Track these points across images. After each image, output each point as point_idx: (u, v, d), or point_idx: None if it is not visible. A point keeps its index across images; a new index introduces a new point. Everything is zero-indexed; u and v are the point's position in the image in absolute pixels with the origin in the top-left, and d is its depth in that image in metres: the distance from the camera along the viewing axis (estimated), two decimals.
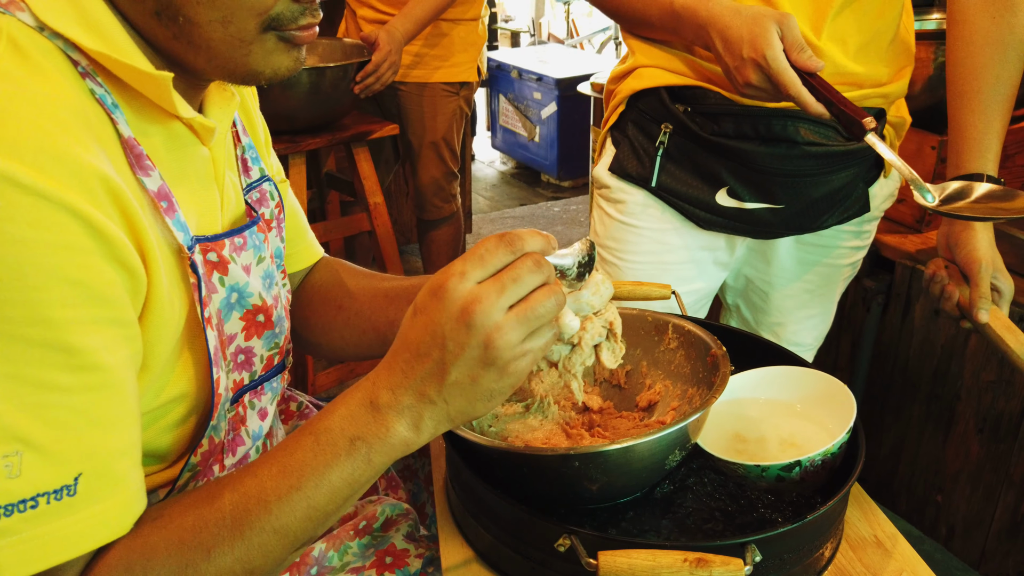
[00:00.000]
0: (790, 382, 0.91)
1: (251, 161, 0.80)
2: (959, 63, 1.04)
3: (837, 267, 1.23)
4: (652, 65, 1.11)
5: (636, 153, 1.16)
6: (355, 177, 2.18)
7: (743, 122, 1.06)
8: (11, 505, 0.50)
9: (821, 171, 1.09)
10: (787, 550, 0.71)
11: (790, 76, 0.92)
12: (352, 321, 0.90)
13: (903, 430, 1.41)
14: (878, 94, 1.08)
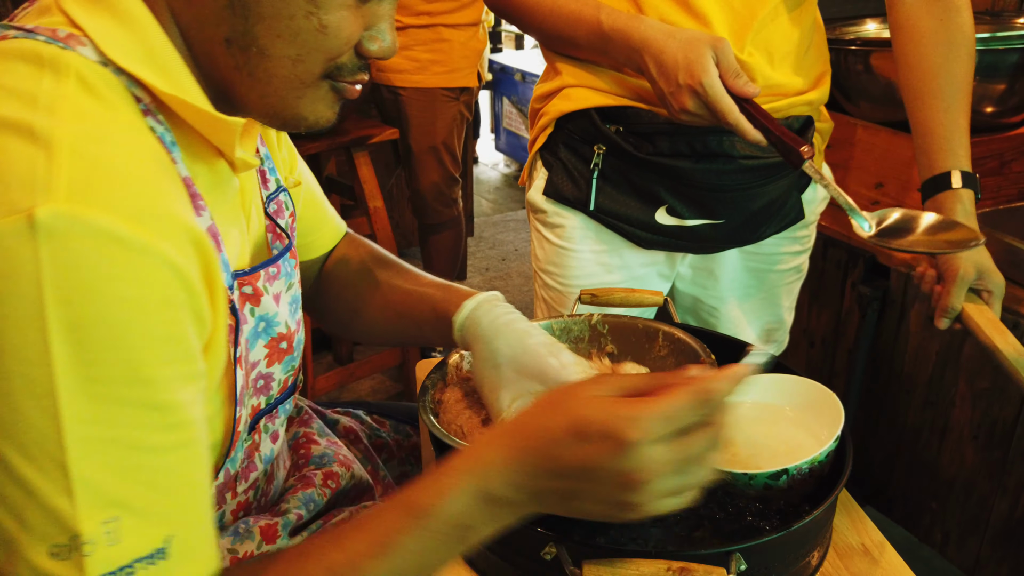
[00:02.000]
0: (779, 389, 0.91)
1: (268, 172, 0.79)
2: (913, 67, 1.04)
3: (781, 273, 1.23)
4: (580, 85, 1.08)
5: (571, 176, 1.14)
6: (355, 181, 2.19)
7: (678, 140, 1.05)
8: (111, 574, 0.49)
9: (758, 183, 1.09)
10: (773, 558, 0.72)
11: (727, 104, 0.91)
12: (365, 329, 0.95)
13: (899, 436, 1.41)
14: (803, 102, 1.08)
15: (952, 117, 1.03)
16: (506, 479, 0.55)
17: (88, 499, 0.48)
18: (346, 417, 1.06)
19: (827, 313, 1.51)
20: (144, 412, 0.50)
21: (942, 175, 1.03)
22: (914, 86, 1.06)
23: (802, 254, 1.26)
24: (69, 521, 0.47)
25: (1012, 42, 1.35)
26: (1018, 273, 1.27)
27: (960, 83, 1.04)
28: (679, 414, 0.52)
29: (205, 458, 0.56)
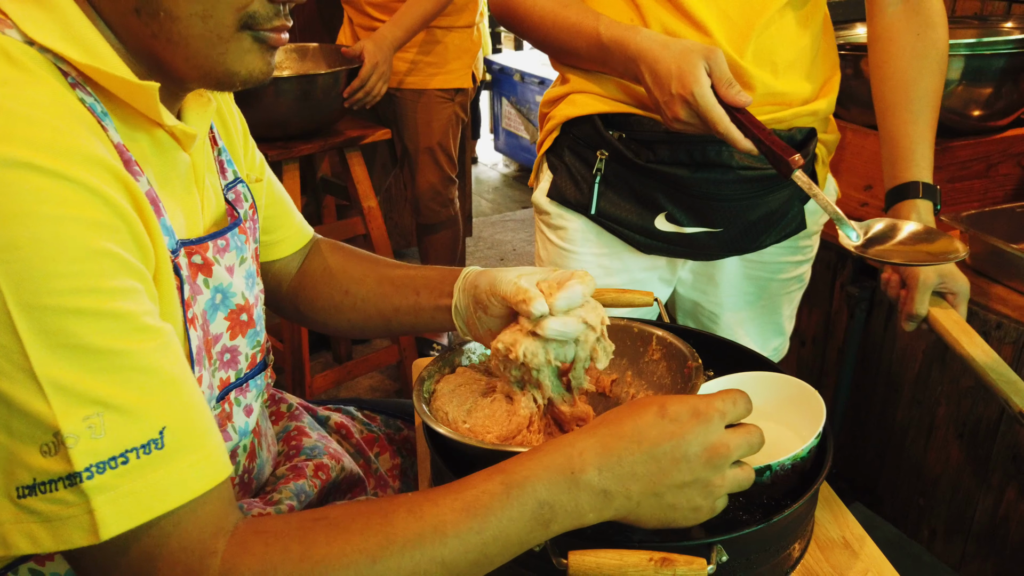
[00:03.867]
0: (764, 387, 0.93)
1: (226, 163, 0.83)
2: (887, 78, 1.06)
3: (782, 283, 1.25)
4: (585, 91, 1.11)
5: (574, 179, 1.16)
6: (349, 182, 2.20)
7: (678, 148, 1.07)
8: (102, 463, 0.52)
9: (756, 194, 1.10)
10: (753, 550, 0.73)
11: (718, 113, 0.93)
12: (358, 306, 0.95)
13: (887, 434, 1.43)
14: (807, 112, 1.09)
15: (919, 129, 1.06)
16: (595, 462, 0.61)
17: (62, 400, 0.51)
18: (337, 414, 1.08)
19: (817, 313, 1.53)
20: (100, 320, 0.53)
21: (904, 185, 1.05)
22: (886, 96, 1.08)
23: (804, 264, 1.27)
24: (49, 421, 0.51)
25: (999, 47, 1.37)
26: (1002, 273, 1.29)
27: (930, 97, 1.06)
28: (738, 404, 0.65)
29: (183, 360, 0.58)
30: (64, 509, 0.52)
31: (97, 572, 0.56)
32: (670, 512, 0.64)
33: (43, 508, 0.52)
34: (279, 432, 0.98)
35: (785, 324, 1.31)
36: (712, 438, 0.63)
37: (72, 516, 0.52)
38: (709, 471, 0.63)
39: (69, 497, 0.51)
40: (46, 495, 0.51)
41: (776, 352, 1.34)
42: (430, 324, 0.91)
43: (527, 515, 0.60)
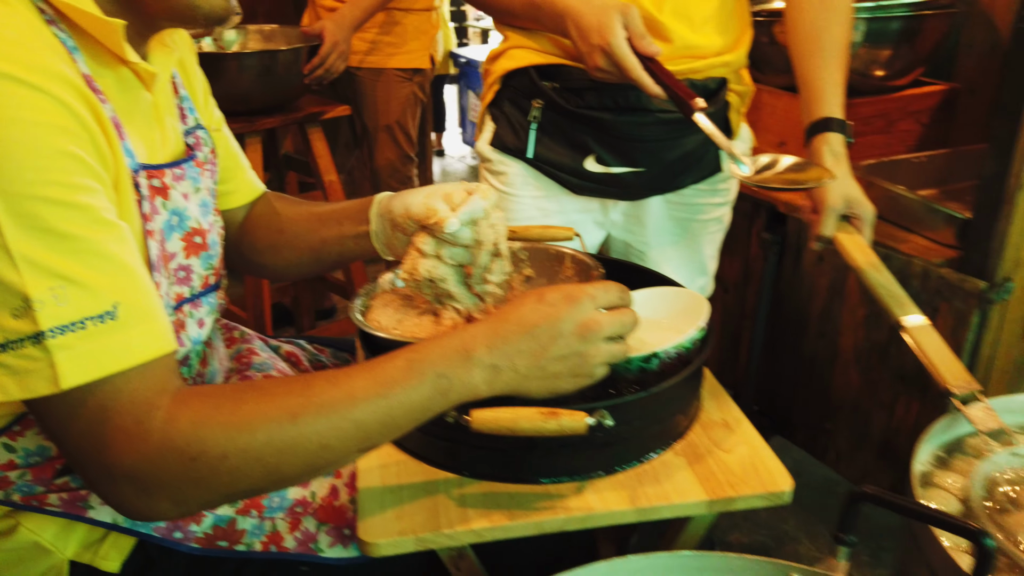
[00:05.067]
0: (663, 299, 1.05)
1: (187, 111, 0.93)
2: (799, 28, 1.19)
3: (703, 223, 1.37)
4: (522, 46, 1.23)
5: (513, 128, 1.29)
6: (310, 157, 2.30)
7: (603, 95, 1.20)
8: (63, 326, 0.61)
9: (673, 136, 1.23)
10: (636, 417, 0.85)
11: (632, 62, 1.06)
12: (292, 243, 1.04)
13: (798, 367, 1.56)
14: (720, 63, 1.22)
15: (829, 73, 1.19)
16: (485, 342, 0.73)
17: (32, 272, 0.60)
18: (288, 344, 1.19)
19: (737, 260, 1.66)
20: (65, 209, 0.62)
21: (817, 121, 1.18)
22: (799, 45, 1.21)
23: (723, 206, 1.40)
24: (19, 288, 0.60)
25: (894, 10, 1.50)
26: (898, 216, 1.43)
27: (838, 44, 1.20)
28: (610, 291, 0.77)
29: (136, 254, 0.68)
30: (30, 363, 0.61)
31: (60, 421, 0.65)
32: (554, 381, 0.75)
33: (12, 362, 0.61)
34: (232, 353, 1.08)
35: (708, 264, 1.44)
36: (583, 316, 0.74)
37: (37, 369, 0.62)
38: (583, 344, 0.74)
39: (35, 353, 0.61)
40: (15, 351, 0.61)
41: (701, 290, 1.46)
42: (355, 251, 1.01)
43: (427, 385, 0.71)
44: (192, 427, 0.64)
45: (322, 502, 0.88)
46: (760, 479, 0.86)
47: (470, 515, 0.80)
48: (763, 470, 0.87)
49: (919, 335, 1.07)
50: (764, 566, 0.76)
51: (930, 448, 0.99)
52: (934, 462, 0.99)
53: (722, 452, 0.90)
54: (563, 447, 0.84)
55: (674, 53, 1.18)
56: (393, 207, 0.94)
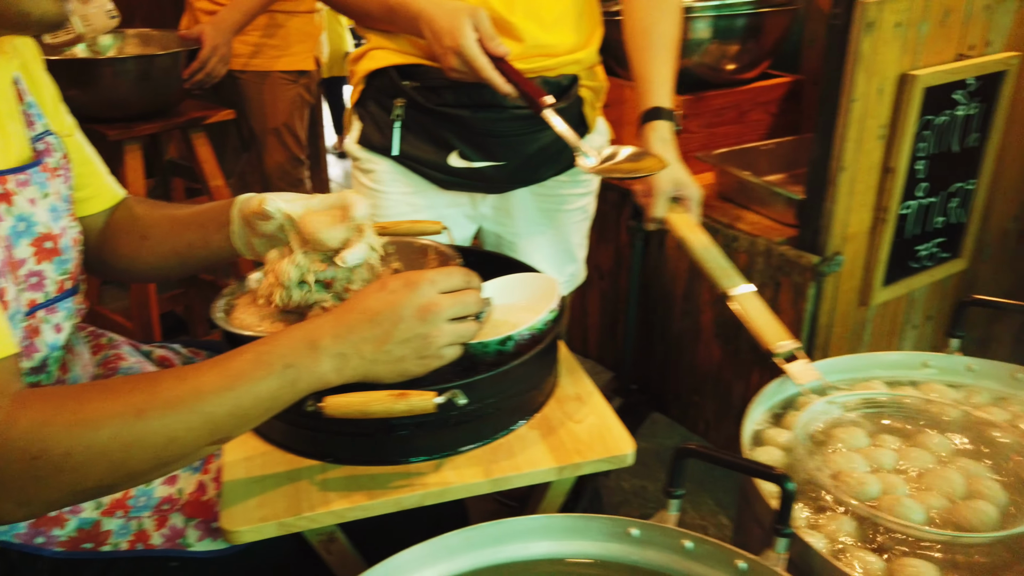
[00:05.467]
0: (521, 284, 1.11)
1: (35, 117, 0.93)
2: (631, 25, 1.29)
3: (568, 213, 1.45)
4: (382, 47, 1.28)
5: (378, 126, 1.33)
6: (194, 162, 2.27)
7: (460, 93, 1.26)
8: None
9: (529, 131, 1.30)
10: (489, 395, 0.91)
11: (482, 62, 1.13)
12: (155, 248, 1.04)
13: (668, 345, 1.66)
14: (572, 60, 1.30)
15: (658, 65, 1.28)
16: (329, 331, 0.76)
17: None
18: (161, 349, 1.19)
19: (610, 248, 1.75)
20: None
21: (648, 110, 1.28)
22: (631, 40, 1.31)
23: (586, 196, 1.48)
24: None
25: (739, 8, 1.62)
26: (747, 199, 1.54)
27: (667, 39, 1.29)
28: (452, 275, 0.81)
29: None
30: None
31: None
32: (401, 364, 0.79)
33: None
34: (99, 359, 1.08)
35: (576, 251, 1.52)
36: (423, 300, 0.78)
37: None
38: (424, 326, 0.78)
39: None
40: None
41: (572, 277, 1.54)
42: (220, 254, 1.02)
43: (275, 376, 0.74)
44: (33, 426, 0.66)
45: (190, 498, 0.90)
46: (605, 445, 0.93)
47: (331, 498, 0.84)
48: (608, 437, 0.94)
49: (745, 303, 1.17)
50: (604, 523, 0.84)
51: (763, 408, 1.09)
52: (770, 419, 1.09)
53: (573, 423, 0.97)
54: (421, 428, 0.89)
55: (526, 52, 1.25)
56: (250, 206, 0.97)
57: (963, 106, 1.34)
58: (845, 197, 1.29)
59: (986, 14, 1.31)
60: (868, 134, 1.26)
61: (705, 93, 1.65)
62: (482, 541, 0.82)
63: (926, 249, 1.46)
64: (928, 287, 1.52)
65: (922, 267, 1.47)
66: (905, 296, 1.49)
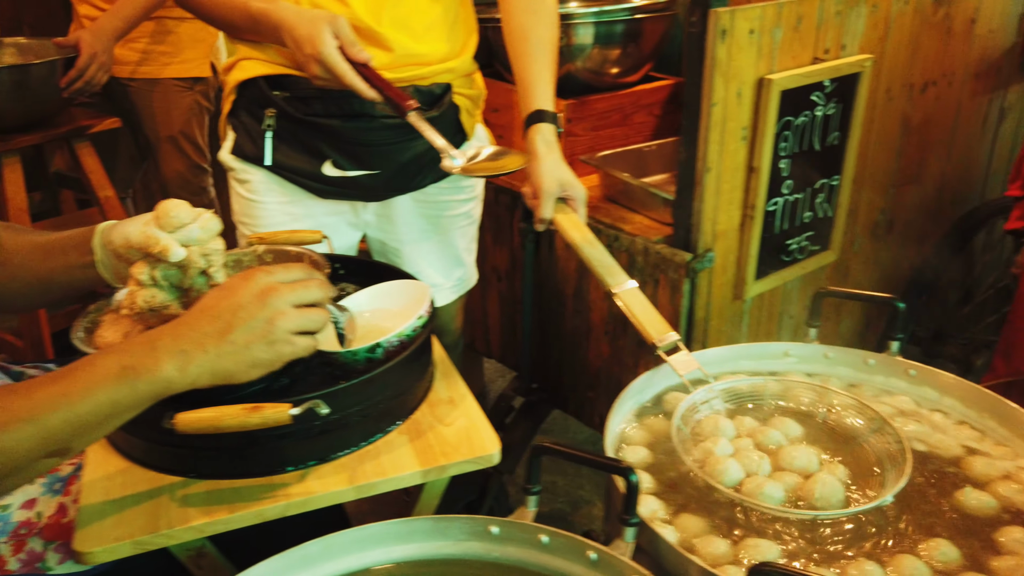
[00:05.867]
0: (396, 291, 1.13)
1: None
2: (510, 31, 1.31)
3: (452, 218, 1.47)
4: (251, 58, 1.28)
5: (251, 136, 1.32)
6: (81, 173, 2.20)
7: (329, 103, 1.26)
8: None
9: (401, 139, 1.32)
10: (354, 403, 0.92)
11: (343, 68, 1.14)
12: (16, 274, 1.00)
13: (563, 343, 1.70)
14: (445, 69, 1.32)
15: (538, 69, 1.31)
16: (168, 331, 0.76)
17: None
18: (34, 369, 1.16)
19: (505, 250, 1.78)
20: None
21: (531, 113, 1.30)
22: (511, 46, 1.33)
23: (469, 201, 1.50)
24: None
25: (618, 14, 1.67)
26: (628, 200, 1.59)
27: (544, 44, 1.32)
28: (291, 268, 0.82)
29: None
30: None
31: None
32: (248, 352, 0.77)
33: None
34: None
35: (463, 256, 1.54)
36: (260, 286, 0.78)
37: None
38: (265, 310, 0.77)
39: None
40: None
41: (461, 281, 1.56)
42: (83, 281, 0.99)
43: (112, 379, 0.72)
44: None
45: (49, 521, 0.89)
46: (472, 446, 0.95)
47: (191, 514, 0.84)
48: (476, 438, 0.97)
49: (628, 298, 1.21)
50: (465, 523, 0.86)
51: (632, 402, 1.14)
52: (638, 412, 1.14)
53: (443, 426, 0.99)
54: (284, 439, 0.89)
55: (396, 62, 1.26)
56: (113, 237, 0.94)
57: (821, 107, 1.42)
58: (712, 196, 1.34)
59: (838, 19, 1.39)
60: (730, 136, 1.32)
61: (589, 97, 1.69)
62: (343, 548, 0.82)
63: (796, 243, 1.53)
64: (801, 279, 1.60)
65: (793, 260, 1.55)
66: (780, 288, 1.57)
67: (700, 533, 0.91)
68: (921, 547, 0.87)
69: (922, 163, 1.79)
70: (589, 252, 1.27)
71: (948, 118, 1.80)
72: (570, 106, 1.66)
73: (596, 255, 1.27)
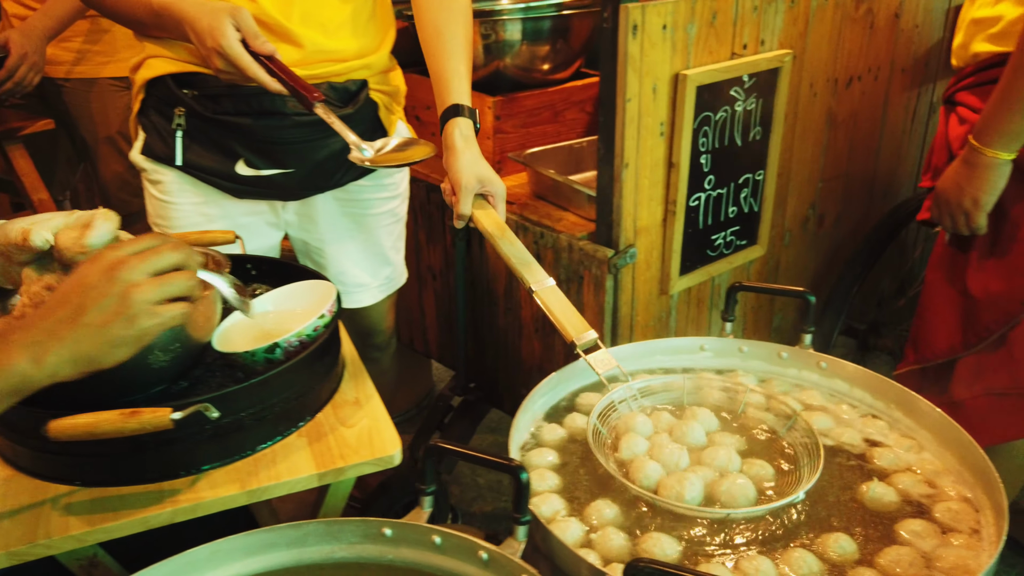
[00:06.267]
0: (307, 291, 1.12)
1: None
2: (424, 27, 1.30)
3: (376, 217, 1.45)
4: (159, 55, 1.26)
5: (161, 136, 1.30)
6: (14, 176, 2.16)
7: (239, 100, 1.24)
8: None
9: (315, 137, 1.30)
10: (247, 406, 0.91)
11: (246, 61, 1.12)
12: None
13: (497, 341, 1.70)
14: (361, 65, 1.31)
15: (453, 64, 1.30)
16: (19, 325, 0.73)
17: None
18: None
19: (439, 249, 1.77)
20: None
21: (447, 108, 1.29)
22: (426, 42, 1.32)
23: (394, 199, 1.48)
24: None
25: (544, 11, 1.66)
26: (556, 197, 1.59)
27: (459, 40, 1.31)
28: (140, 240, 0.77)
29: None
30: None
31: None
32: (105, 332, 0.73)
33: None
34: None
35: (390, 255, 1.52)
36: (107, 263, 0.74)
37: None
38: (115, 284, 0.73)
39: None
40: None
41: (389, 280, 1.54)
42: None
43: None
44: None
45: None
46: (372, 447, 0.94)
47: (72, 523, 0.82)
48: (377, 439, 0.95)
49: (546, 296, 1.21)
50: (358, 525, 0.85)
51: (545, 400, 1.13)
52: (554, 411, 1.13)
53: (345, 428, 0.98)
54: (174, 444, 0.87)
55: (307, 58, 1.25)
56: (10, 239, 0.93)
57: (741, 102, 1.43)
58: (632, 192, 1.34)
59: (756, 15, 1.40)
60: (647, 131, 1.32)
61: (518, 94, 1.69)
62: (229, 554, 0.81)
63: (722, 238, 1.54)
64: (730, 273, 1.61)
65: (720, 255, 1.56)
66: (708, 283, 1.57)
67: (604, 529, 0.91)
68: (820, 541, 0.88)
69: (851, 157, 1.81)
70: (508, 249, 1.27)
71: (876, 113, 1.82)
72: (498, 103, 1.65)
73: (515, 252, 1.27)
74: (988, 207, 1.29)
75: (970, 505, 0.93)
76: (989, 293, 1.30)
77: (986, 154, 1.24)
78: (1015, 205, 1.28)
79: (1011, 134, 1.21)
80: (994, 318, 1.29)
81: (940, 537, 0.89)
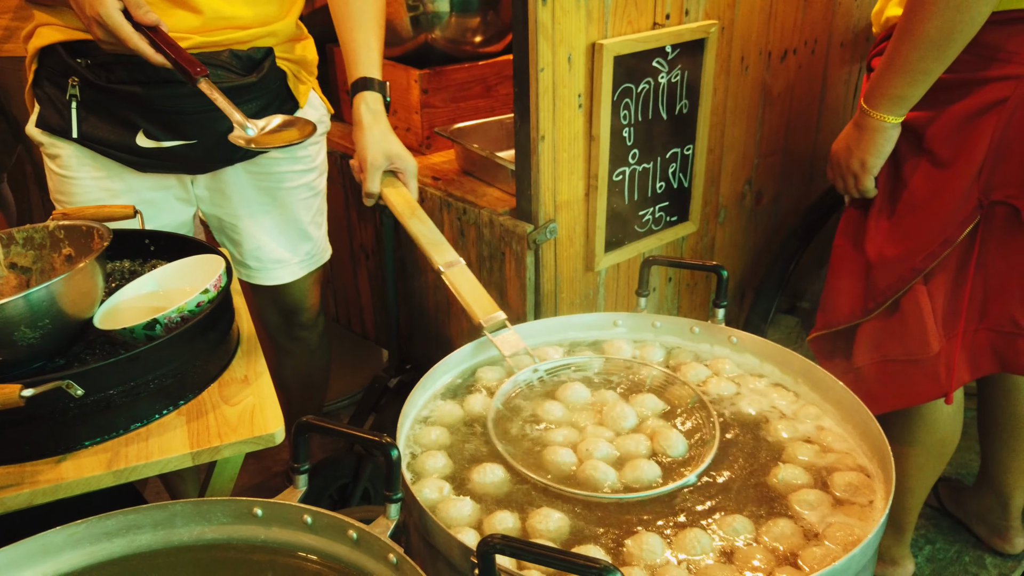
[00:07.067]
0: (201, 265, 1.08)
1: None
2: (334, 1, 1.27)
3: (291, 191, 1.41)
4: (48, 23, 1.20)
5: (56, 107, 1.24)
6: None
7: (133, 69, 1.19)
8: None
9: (216, 107, 1.23)
10: (116, 383, 0.87)
11: (126, 32, 1.07)
12: None
13: (427, 318, 1.67)
14: (266, 33, 1.26)
15: (363, 36, 1.27)
16: None
17: None
18: None
19: (370, 228, 1.73)
20: None
21: (356, 81, 1.26)
22: (335, 12, 1.28)
23: (309, 172, 1.43)
24: None
25: None
26: (482, 173, 1.56)
27: (369, 11, 1.27)
28: None
29: None
30: None
31: None
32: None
33: None
34: None
35: (310, 230, 1.48)
36: None
37: None
38: None
39: None
40: None
41: (310, 256, 1.50)
42: None
43: None
44: None
45: None
46: (253, 426, 0.91)
47: None
48: (259, 418, 0.92)
49: (454, 276, 1.18)
50: (229, 505, 0.81)
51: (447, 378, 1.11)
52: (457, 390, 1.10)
53: (228, 406, 0.94)
54: (34, 423, 0.84)
55: (207, 25, 1.20)
56: None
57: (664, 74, 1.39)
58: (549, 165, 1.31)
59: None
60: (564, 103, 1.29)
61: (447, 67, 1.64)
62: (91, 536, 0.78)
63: (650, 214, 1.52)
64: (662, 249, 1.58)
65: (649, 231, 1.53)
66: (637, 259, 1.55)
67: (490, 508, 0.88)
68: (715, 518, 0.85)
69: (788, 134, 1.79)
70: (417, 228, 1.23)
71: (814, 87, 1.80)
72: (425, 76, 1.61)
73: (424, 231, 1.23)
74: (874, 170, 1.28)
75: (866, 475, 0.91)
76: (884, 258, 1.29)
77: (873, 117, 1.23)
78: (910, 171, 1.27)
79: (896, 98, 1.19)
80: (888, 283, 1.29)
81: (831, 508, 0.87)
